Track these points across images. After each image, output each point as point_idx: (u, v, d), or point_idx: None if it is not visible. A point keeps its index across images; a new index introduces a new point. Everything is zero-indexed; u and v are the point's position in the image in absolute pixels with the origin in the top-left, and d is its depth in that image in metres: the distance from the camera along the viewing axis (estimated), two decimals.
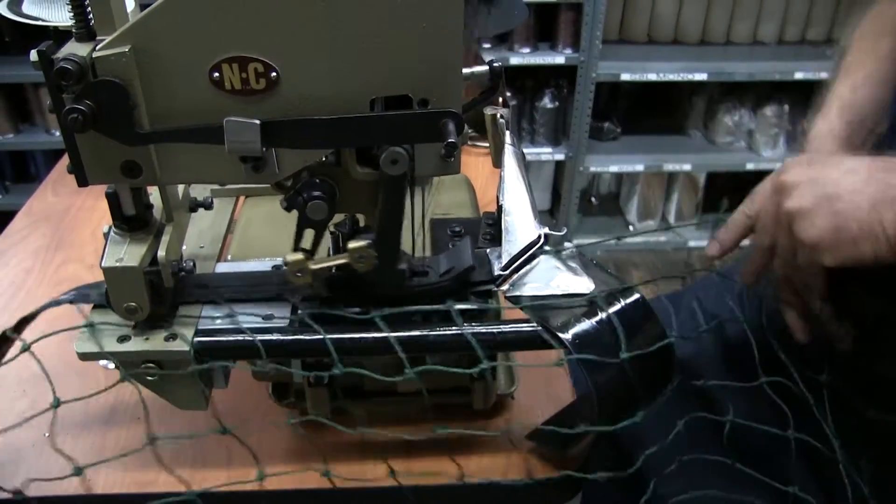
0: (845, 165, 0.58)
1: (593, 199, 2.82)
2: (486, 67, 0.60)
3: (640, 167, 2.48)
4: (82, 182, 0.53)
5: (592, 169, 2.49)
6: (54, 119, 2.44)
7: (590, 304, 0.59)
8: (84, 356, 0.58)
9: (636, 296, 0.60)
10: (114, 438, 0.69)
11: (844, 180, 0.56)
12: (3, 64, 2.21)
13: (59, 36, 0.51)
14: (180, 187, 0.63)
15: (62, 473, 0.64)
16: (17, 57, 2.23)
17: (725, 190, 2.51)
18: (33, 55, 0.48)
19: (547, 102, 2.42)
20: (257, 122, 0.49)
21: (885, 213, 0.54)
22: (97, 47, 0.48)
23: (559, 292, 0.60)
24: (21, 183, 2.50)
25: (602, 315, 0.58)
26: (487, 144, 0.70)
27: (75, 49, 0.48)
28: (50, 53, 0.48)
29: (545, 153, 2.46)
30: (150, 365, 0.58)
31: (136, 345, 0.57)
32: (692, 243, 2.57)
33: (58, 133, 2.31)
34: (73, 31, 0.49)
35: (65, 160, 1.17)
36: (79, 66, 0.47)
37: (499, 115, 0.69)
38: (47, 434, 0.69)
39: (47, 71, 0.47)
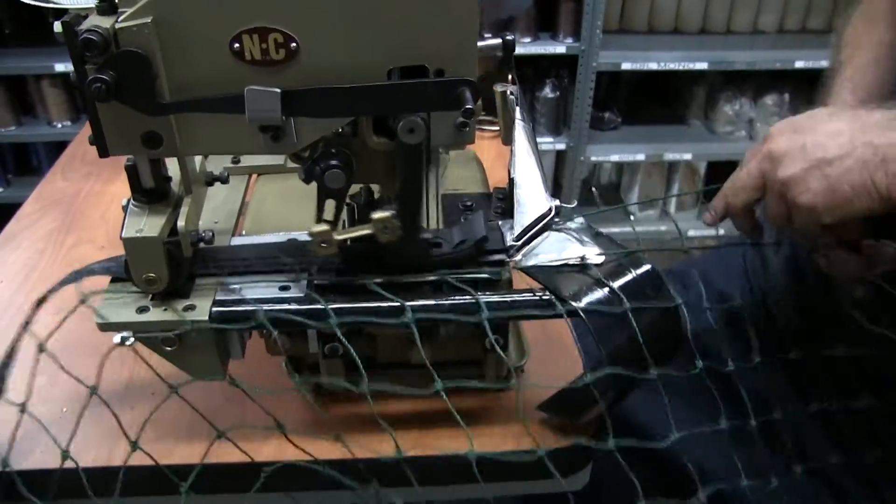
0: (828, 128, 0.60)
1: (594, 189, 2.83)
2: (498, 40, 0.61)
3: (640, 157, 2.48)
4: (103, 153, 0.53)
5: (593, 159, 2.49)
6: (56, 111, 2.45)
7: (601, 274, 0.60)
8: (104, 327, 0.59)
9: (647, 266, 0.61)
10: (129, 413, 0.69)
11: (831, 144, 0.59)
12: (5, 56, 2.19)
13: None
14: (197, 161, 0.63)
15: (78, 449, 0.65)
16: (18, 49, 2.22)
17: (726, 179, 2.52)
18: (57, 27, 0.48)
19: (548, 92, 2.42)
20: (278, 90, 0.49)
21: (875, 174, 0.57)
22: (119, 19, 0.49)
23: (571, 262, 0.61)
24: (23, 175, 2.49)
25: (613, 284, 0.59)
26: (496, 127, 0.71)
27: (98, 21, 0.49)
28: (74, 25, 0.49)
29: (546, 143, 2.46)
30: (169, 335, 0.58)
31: (155, 315, 0.58)
32: (692, 232, 2.58)
33: (60, 125, 2.31)
34: (97, 3, 0.50)
35: (71, 147, 1.18)
36: (102, 37, 0.48)
37: (508, 92, 0.70)
38: (65, 409, 0.70)
39: (72, 42, 0.48)
